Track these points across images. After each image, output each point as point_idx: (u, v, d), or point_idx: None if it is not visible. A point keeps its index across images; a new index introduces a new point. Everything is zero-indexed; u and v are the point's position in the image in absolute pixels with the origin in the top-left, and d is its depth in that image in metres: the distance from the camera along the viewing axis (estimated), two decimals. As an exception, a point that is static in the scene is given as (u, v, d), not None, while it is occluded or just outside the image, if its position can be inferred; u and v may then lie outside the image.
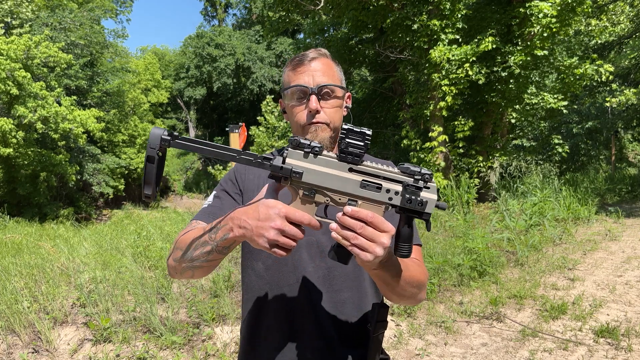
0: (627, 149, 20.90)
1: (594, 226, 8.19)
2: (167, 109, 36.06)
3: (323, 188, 0.95)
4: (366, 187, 0.95)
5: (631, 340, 3.65)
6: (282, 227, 0.91)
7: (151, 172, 0.93)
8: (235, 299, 4.40)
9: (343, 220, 0.91)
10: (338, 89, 1.24)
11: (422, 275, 1.17)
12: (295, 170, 0.94)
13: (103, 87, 19.05)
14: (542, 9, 8.61)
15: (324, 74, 1.23)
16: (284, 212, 0.91)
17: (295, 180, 0.95)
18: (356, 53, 14.15)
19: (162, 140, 0.91)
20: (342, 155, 0.95)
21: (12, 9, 15.69)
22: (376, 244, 0.89)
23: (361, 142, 0.94)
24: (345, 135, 0.95)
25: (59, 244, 6.70)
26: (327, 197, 0.96)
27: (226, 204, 1.27)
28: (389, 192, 0.95)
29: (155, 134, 0.91)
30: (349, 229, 0.91)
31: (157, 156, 0.93)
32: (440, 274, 5.04)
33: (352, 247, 0.90)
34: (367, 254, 0.89)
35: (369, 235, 0.89)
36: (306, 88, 1.21)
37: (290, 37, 31.41)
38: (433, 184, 0.95)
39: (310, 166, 0.95)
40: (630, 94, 11.89)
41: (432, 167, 9.59)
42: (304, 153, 0.95)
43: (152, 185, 0.94)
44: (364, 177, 0.95)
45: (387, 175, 0.95)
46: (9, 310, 3.83)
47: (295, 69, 1.24)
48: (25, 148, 13.83)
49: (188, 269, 1.12)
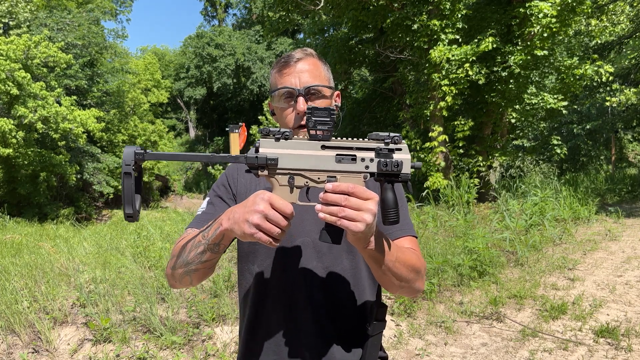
0: (627, 149, 20.91)
1: (594, 226, 8.19)
2: (167, 109, 36.08)
3: (300, 170, 0.96)
4: (342, 161, 0.96)
5: (631, 340, 3.65)
6: (266, 211, 0.90)
7: (130, 190, 0.93)
8: (235, 299, 4.40)
9: (326, 197, 0.91)
10: (325, 89, 1.23)
11: (418, 261, 1.16)
12: (270, 157, 0.95)
13: (103, 87, 19.05)
14: (542, 9, 8.61)
15: (310, 74, 1.22)
16: (267, 198, 0.92)
17: (271, 167, 0.95)
18: (356, 53, 14.14)
19: (136, 154, 0.93)
20: (312, 134, 0.96)
21: (10, 9, 15.68)
22: (363, 211, 0.90)
23: (327, 118, 0.95)
24: (311, 114, 0.95)
25: (59, 244, 6.70)
26: (306, 179, 0.97)
27: (219, 210, 1.26)
28: (364, 161, 0.96)
29: (129, 151, 0.93)
30: (333, 205, 0.91)
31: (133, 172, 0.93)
32: (440, 274, 5.04)
33: (340, 221, 0.90)
34: (357, 223, 0.89)
35: (354, 205, 0.90)
36: (293, 90, 1.20)
37: (290, 37, 31.42)
38: (404, 145, 0.96)
39: (284, 151, 0.95)
40: (630, 94, 11.89)
41: (432, 167, 9.60)
42: (275, 139, 0.96)
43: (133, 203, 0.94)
44: (337, 151, 0.96)
45: (359, 145, 0.96)
46: (9, 310, 3.83)
47: (282, 71, 1.24)
48: (25, 148, 13.83)
49: (185, 274, 1.13)
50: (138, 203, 0.96)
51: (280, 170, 0.96)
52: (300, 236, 1.23)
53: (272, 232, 0.91)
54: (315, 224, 1.22)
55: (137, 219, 0.97)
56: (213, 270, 1.18)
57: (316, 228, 1.23)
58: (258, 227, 0.91)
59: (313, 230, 1.23)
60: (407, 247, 1.21)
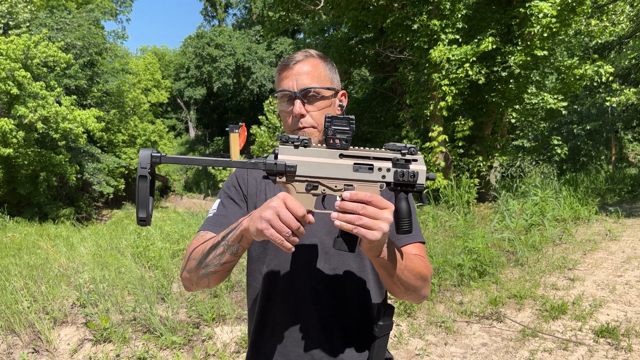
0: (627, 149, 20.91)
1: (594, 226, 8.19)
2: (167, 109, 36.09)
3: (318, 177, 0.97)
4: (359, 170, 0.97)
5: (631, 340, 3.65)
6: (278, 209, 0.91)
7: (145, 193, 0.92)
8: (235, 299, 4.40)
9: (343, 205, 0.92)
10: (324, 90, 1.22)
11: (426, 269, 1.17)
12: (289, 164, 0.96)
13: (103, 87, 19.05)
14: (542, 9, 8.61)
15: (308, 76, 1.21)
16: (282, 197, 0.92)
17: (290, 174, 0.96)
18: (356, 53, 14.15)
19: (153, 157, 0.91)
20: (330, 142, 0.97)
21: (9, 9, 15.68)
22: (380, 220, 0.91)
23: (347, 127, 0.96)
24: (330, 123, 0.96)
25: (58, 244, 6.70)
26: (323, 187, 0.98)
27: (231, 212, 1.27)
28: (381, 171, 0.97)
29: (145, 154, 0.91)
30: (350, 213, 0.92)
31: (149, 176, 0.92)
32: (440, 274, 5.04)
33: (357, 229, 0.91)
34: (374, 232, 0.91)
35: (371, 213, 0.91)
36: (290, 92, 1.20)
37: (290, 37, 31.42)
38: (420, 156, 0.98)
39: (303, 158, 0.96)
40: (630, 94, 11.90)
41: (432, 167, 9.60)
42: (294, 146, 0.97)
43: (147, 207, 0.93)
44: (355, 160, 0.98)
45: (376, 155, 0.98)
46: (9, 310, 3.83)
47: (281, 73, 1.24)
48: (25, 148, 13.83)
49: (203, 276, 1.13)
50: (151, 207, 0.95)
51: (298, 177, 0.97)
52: (307, 237, 1.23)
53: (282, 231, 0.91)
54: (323, 226, 1.23)
55: (150, 223, 0.97)
56: (229, 273, 1.18)
57: (323, 230, 1.23)
58: (269, 222, 0.91)
59: (320, 232, 1.24)
60: (415, 253, 1.21)
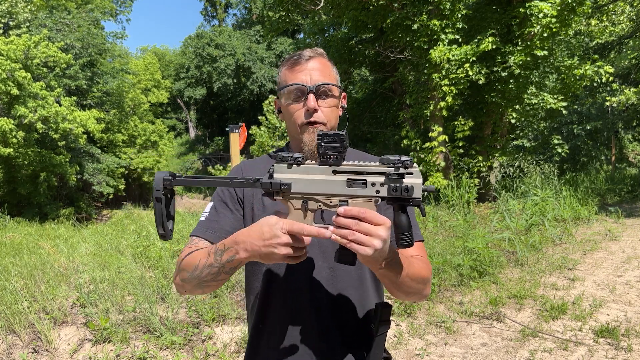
0: (627, 149, 20.89)
1: (594, 226, 8.19)
2: (167, 109, 36.09)
3: (313, 194, 1.00)
4: (353, 185, 0.98)
5: (631, 340, 3.65)
6: (289, 242, 0.95)
7: (160, 212, 1.02)
8: (235, 299, 4.40)
9: (338, 221, 0.94)
10: (335, 88, 1.25)
11: (426, 271, 1.19)
12: (283, 183, 0.99)
13: (103, 87, 19.05)
14: (542, 9, 8.61)
15: (321, 73, 1.23)
16: (286, 228, 0.95)
17: (285, 192, 1.00)
18: (356, 53, 14.15)
19: (165, 180, 1.02)
20: (323, 159, 0.99)
21: (9, 9, 15.68)
22: (373, 237, 0.92)
23: (337, 144, 0.98)
24: (321, 140, 0.98)
25: (58, 244, 6.70)
26: (319, 203, 1.00)
27: (222, 218, 1.27)
28: (374, 186, 0.98)
29: (158, 177, 1.03)
30: (345, 228, 0.93)
31: (163, 196, 1.03)
32: (440, 274, 5.04)
33: (350, 244, 0.92)
34: (366, 248, 0.91)
35: (364, 229, 0.92)
36: (304, 87, 1.21)
37: (290, 37, 31.42)
38: (415, 169, 0.97)
39: (296, 176, 1.00)
40: (631, 94, 11.89)
41: (432, 167, 9.59)
42: (288, 165, 1.00)
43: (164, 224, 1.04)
44: (348, 176, 0.99)
45: (369, 169, 0.99)
46: (9, 310, 3.83)
47: (293, 68, 1.24)
48: (25, 148, 13.84)
49: (198, 287, 1.16)
50: (171, 224, 1.06)
51: (293, 194, 1.00)
52: None
53: (300, 255, 0.99)
54: None
55: (170, 238, 1.07)
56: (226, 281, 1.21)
57: None
58: (287, 256, 0.97)
59: None
60: (415, 254, 1.22)
